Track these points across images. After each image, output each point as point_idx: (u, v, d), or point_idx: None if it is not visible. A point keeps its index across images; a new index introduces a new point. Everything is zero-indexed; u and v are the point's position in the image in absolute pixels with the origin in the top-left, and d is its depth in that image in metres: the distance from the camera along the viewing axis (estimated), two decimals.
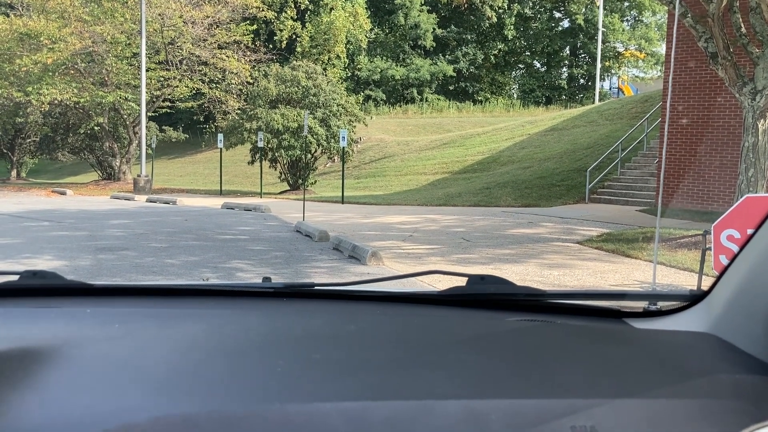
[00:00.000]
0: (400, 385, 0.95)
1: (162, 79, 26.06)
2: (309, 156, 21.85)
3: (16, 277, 1.43)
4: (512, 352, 1.12)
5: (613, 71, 44.36)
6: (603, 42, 38.47)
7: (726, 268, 1.18)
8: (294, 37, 37.89)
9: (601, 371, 1.02)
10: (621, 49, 43.51)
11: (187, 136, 32.74)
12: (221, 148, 22.86)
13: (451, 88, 42.66)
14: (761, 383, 0.97)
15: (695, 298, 1.28)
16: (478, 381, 0.97)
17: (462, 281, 1.39)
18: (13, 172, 32.66)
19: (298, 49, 37.47)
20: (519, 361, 1.07)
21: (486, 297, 1.36)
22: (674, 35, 6.85)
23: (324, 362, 1.04)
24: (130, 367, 1.02)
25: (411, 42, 41.75)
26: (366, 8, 40.21)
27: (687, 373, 1.01)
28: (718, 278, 1.21)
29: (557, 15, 44.45)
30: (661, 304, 1.34)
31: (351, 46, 39.46)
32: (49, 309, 1.33)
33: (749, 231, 1.13)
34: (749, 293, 1.09)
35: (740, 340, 1.09)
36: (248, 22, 27.65)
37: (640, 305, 1.36)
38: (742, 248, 1.15)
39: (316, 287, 1.48)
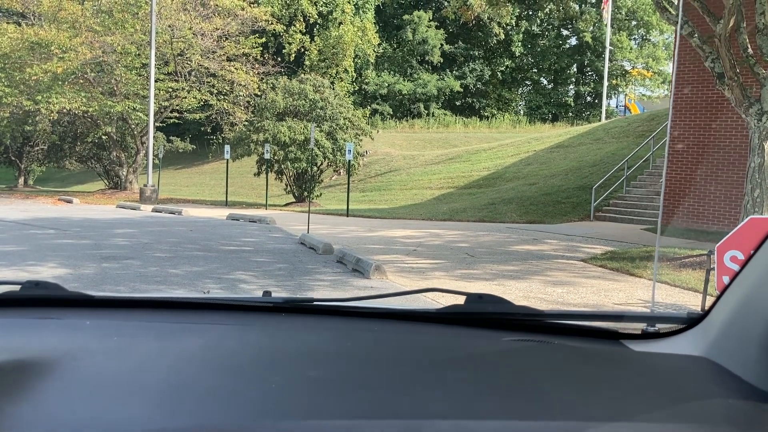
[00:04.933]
0: (394, 404, 0.95)
1: (170, 89, 26.22)
2: (315, 168, 21.92)
3: (18, 287, 1.44)
4: (508, 372, 1.12)
5: (620, 89, 44.44)
6: (610, 60, 38.56)
7: (724, 291, 1.18)
8: (302, 50, 38.14)
9: (596, 393, 1.02)
10: (628, 68, 43.61)
11: (194, 146, 32.89)
12: (228, 160, 22.97)
13: (457, 103, 42.78)
14: (754, 409, 0.97)
15: (693, 320, 1.28)
16: (471, 401, 0.97)
17: (461, 299, 1.39)
18: (21, 180, 32.84)
19: (307, 63, 37.70)
20: (514, 381, 1.07)
21: (484, 316, 1.36)
22: (675, 55, 6.88)
23: (320, 379, 1.05)
24: (127, 380, 1.03)
25: (418, 57, 41.95)
26: (374, 23, 40.47)
27: (681, 397, 1.01)
28: (716, 301, 1.21)
29: (565, 32, 44.63)
30: (660, 326, 1.34)
31: (359, 61, 39.67)
32: (50, 320, 1.34)
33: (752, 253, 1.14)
34: (745, 317, 1.09)
35: (735, 364, 1.09)
36: (257, 35, 27.86)
37: (639, 327, 1.35)
38: (739, 271, 1.15)
39: (315, 302, 1.48)
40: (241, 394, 0.97)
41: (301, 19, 37.68)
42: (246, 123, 24.21)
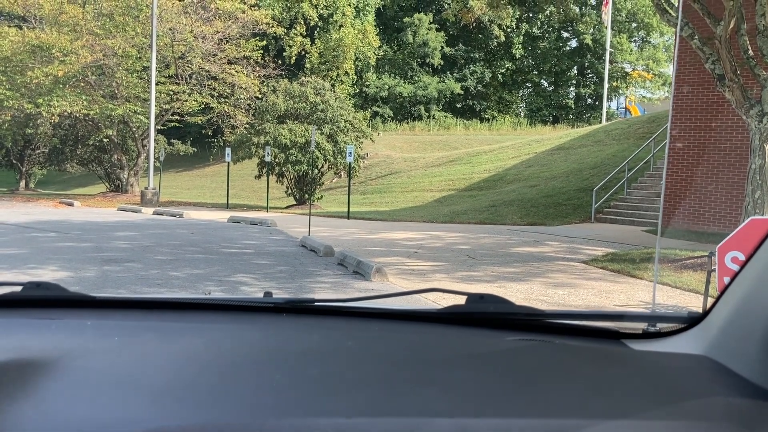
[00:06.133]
0: (395, 403, 0.95)
1: (171, 92, 26.25)
2: (316, 171, 21.93)
3: (19, 288, 1.45)
4: (508, 371, 1.12)
5: (620, 91, 44.42)
6: (611, 62, 38.57)
7: (724, 290, 1.19)
8: (303, 53, 38.18)
9: (596, 392, 1.02)
10: (629, 70, 43.61)
11: (195, 149, 32.90)
12: (229, 162, 22.99)
13: (458, 105, 42.81)
14: (755, 407, 0.97)
15: (694, 320, 1.28)
16: (472, 399, 0.97)
17: (462, 299, 1.39)
18: (22, 183, 32.87)
19: (307, 65, 37.74)
20: (514, 380, 1.07)
21: (485, 316, 1.36)
22: (675, 56, 6.89)
23: (320, 378, 1.05)
24: (128, 379, 1.03)
25: (419, 60, 41.99)
26: (375, 26, 40.50)
27: (681, 395, 1.01)
28: (716, 300, 1.21)
29: (565, 35, 44.65)
30: (660, 326, 1.34)
31: (359, 63, 39.71)
32: (51, 320, 1.34)
33: None
34: (745, 316, 1.09)
35: (736, 363, 1.09)
36: (258, 37, 27.89)
37: (640, 326, 1.35)
38: (740, 270, 1.15)
39: (316, 303, 1.48)
40: (242, 393, 0.97)
41: (302, 22, 37.73)
42: (247, 126, 24.24)
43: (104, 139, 27.17)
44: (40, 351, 1.13)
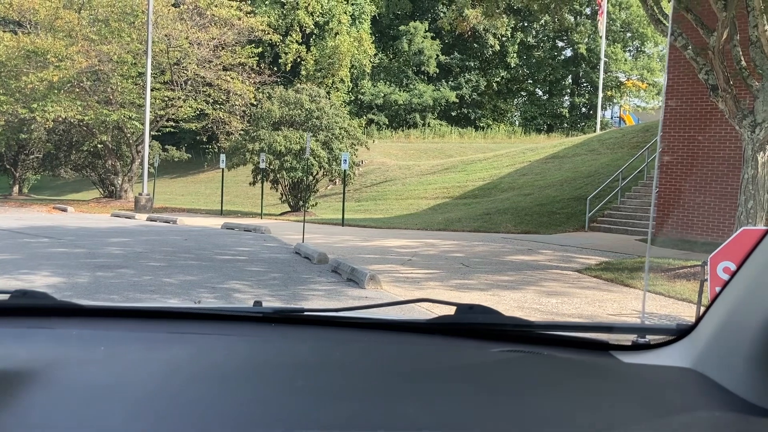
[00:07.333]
0: (382, 414, 0.95)
1: (166, 98, 26.24)
2: (310, 178, 21.92)
3: (6, 297, 1.44)
4: (496, 383, 1.11)
5: (614, 100, 44.61)
6: (605, 71, 38.74)
7: (712, 302, 1.19)
8: (299, 60, 38.24)
9: (583, 405, 1.02)
10: (623, 79, 43.82)
11: (190, 155, 32.84)
12: (223, 169, 22.95)
13: (453, 113, 42.90)
14: (739, 421, 0.97)
15: (682, 331, 1.28)
16: (459, 412, 0.97)
17: (452, 309, 1.39)
18: (15, 188, 32.75)
19: (303, 72, 37.79)
20: (502, 392, 1.07)
21: (473, 326, 1.36)
22: (666, 66, 6.92)
23: (308, 389, 1.04)
24: (113, 390, 1.02)
25: (414, 68, 42.10)
26: (371, 33, 40.61)
27: (667, 409, 1.01)
28: (705, 312, 1.21)
29: (560, 44, 44.86)
30: (650, 338, 1.33)
31: (355, 71, 39.79)
32: (37, 329, 1.33)
33: None
34: (732, 328, 1.09)
35: (722, 376, 1.09)
36: (254, 44, 27.93)
37: (629, 338, 1.35)
38: (728, 282, 1.15)
39: (305, 312, 1.48)
40: (228, 404, 0.97)
41: (298, 29, 37.80)
42: (242, 132, 24.22)
43: (99, 145, 27.11)
44: (25, 360, 1.12)
